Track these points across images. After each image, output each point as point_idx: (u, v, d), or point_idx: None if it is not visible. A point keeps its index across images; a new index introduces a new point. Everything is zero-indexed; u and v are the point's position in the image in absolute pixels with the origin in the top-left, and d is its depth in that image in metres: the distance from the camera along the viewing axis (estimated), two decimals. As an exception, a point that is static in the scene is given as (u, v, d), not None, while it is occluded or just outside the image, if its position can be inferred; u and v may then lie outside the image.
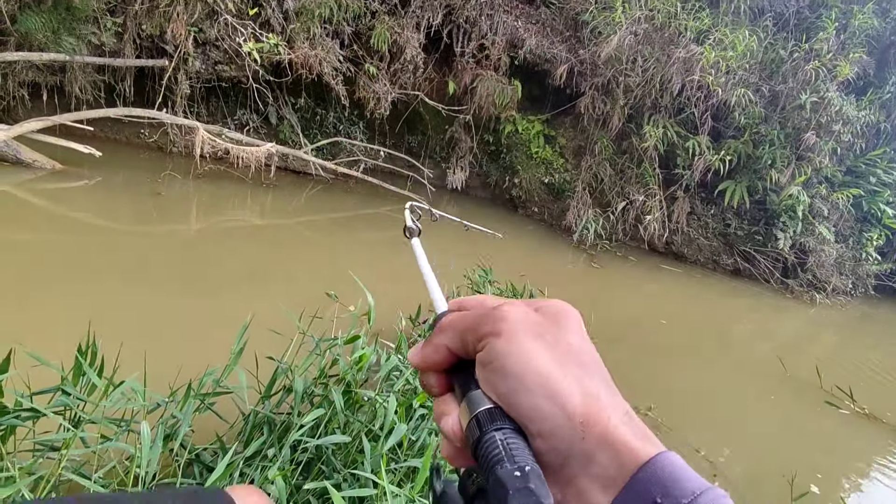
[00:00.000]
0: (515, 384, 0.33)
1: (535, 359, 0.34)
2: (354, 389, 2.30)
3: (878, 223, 8.58)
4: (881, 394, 5.56)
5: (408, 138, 9.66)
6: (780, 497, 3.33)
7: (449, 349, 0.38)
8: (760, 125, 7.59)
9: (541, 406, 0.32)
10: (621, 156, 8.27)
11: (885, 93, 8.23)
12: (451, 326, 0.39)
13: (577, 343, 0.36)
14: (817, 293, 8.23)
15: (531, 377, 0.33)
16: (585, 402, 0.32)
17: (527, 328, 0.35)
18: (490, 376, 0.35)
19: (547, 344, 0.35)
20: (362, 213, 7.72)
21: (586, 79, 7.91)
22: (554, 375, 0.33)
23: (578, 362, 0.35)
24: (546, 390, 0.32)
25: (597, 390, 0.33)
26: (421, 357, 0.40)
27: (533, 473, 0.29)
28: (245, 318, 2.38)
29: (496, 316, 0.36)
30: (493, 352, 0.35)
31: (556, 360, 0.34)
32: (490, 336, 0.35)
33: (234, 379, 2.21)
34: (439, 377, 0.40)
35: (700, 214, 8.42)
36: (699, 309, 7.22)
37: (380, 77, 7.79)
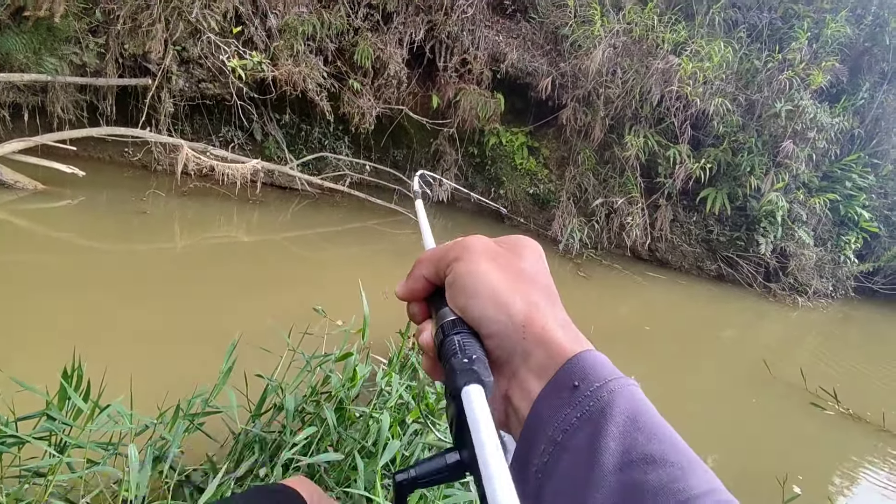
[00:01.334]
0: (471, 296, 0.40)
1: (487, 275, 0.40)
2: (347, 406, 2.31)
3: (855, 226, 8.77)
4: (864, 393, 5.65)
5: (393, 152, 9.72)
6: (771, 499, 3.37)
7: (426, 278, 0.45)
8: (738, 133, 7.76)
9: (489, 313, 0.39)
10: (604, 165, 8.39)
11: (858, 99, 8.46)
12: (427, 258, 0.45)
13: (528, 267, 0.42)
14: (799, 296, 8.38)
15: (482, 290, 0.39)
16: (527, 309, 0.39)
17: (484, 253, 0.42)
18: (452, 293, 0.41)
19: (499, 265, 0.41)
20: (349, 227, 7.72)
21: (568, 91, 8.04)
22: (501, 288, 0.39)
23: (526, 280, 0.41)
24: (494, 300, 0.39)
25: (538, 301, 0.40)
26: (405, 289, 0.46)
27: (478, 361, 0.36)
28: (233, 335, 2.38)
29: (461, 245, 0.43)
30: (455, 273, 0.41)
31: (506, 277, 0.40)
32: (454, 261, 0.42)
33: (223, 398, 2.20)
34: (420, 305, 0.46)
35: (683, 221, 8.55)
36: (685, 315, 7.31)
37: (364, 92, 7.85)
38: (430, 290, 0.45)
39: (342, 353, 2.35)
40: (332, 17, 7.18)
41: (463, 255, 0.42)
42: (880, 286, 9.56)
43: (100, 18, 6.41)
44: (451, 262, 0.42)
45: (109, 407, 1.83)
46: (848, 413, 4.84)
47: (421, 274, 0.45)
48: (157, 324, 3.76)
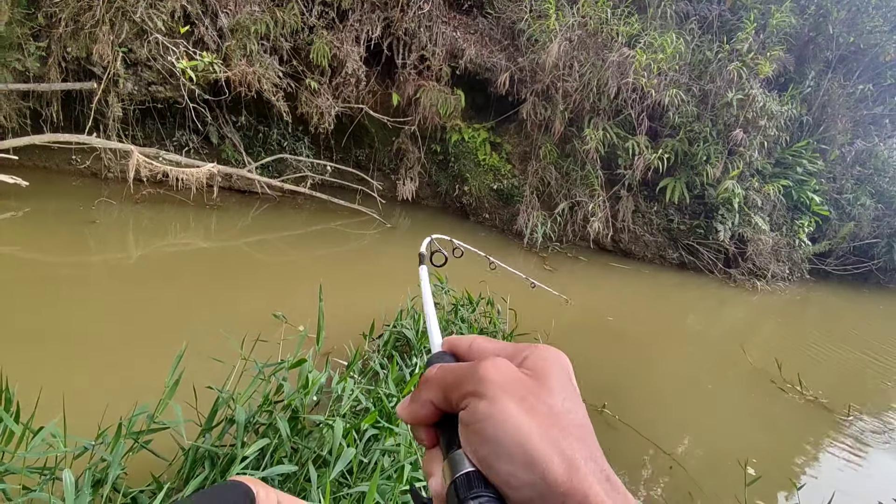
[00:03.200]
0: (494, 449, 0.32)
1: (514, 424, 0.32)
2: (302, 415, 2.24)
3: (807, 210, 9.09)
4: (821, 372, 5.86)
5: (355, 152, 9.61)
6: (736, 481, 3.45)
7: (434, 404, 0.38)
8: (694, 123, 7.94)
9: (519, 474, 0.31)
10: (565, 159, 8.47)
11: (805, 87, 8.76)
12: (436, 382, 0.38)
13: (560, 404, 0.35)
14: (758, 280, 8.64)
15: (510, 443, 0.32)
16: (567, 470, 0.31)
17: (509, 389, 0.34)
18: (471, 438, 0.34)
19: (529, 407, 0.33)
20: (313, 229, 7.60)
21: (527, 85, 8.08)
22: (533, 442, 0.32)
23: (559, 425, 0.33)
24: (525, 458, 0.31)
25: (577, 456, 0.32)
26: (409, 412, 0.40)
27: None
28: (181, 346, 2.29)
29: (478, 376, 0.35)
30: (473, 413, 0.34)
31: (537, 424, 0.33)
32: (471, 396, 0.35)
33: (170, 413, 2.12)
34: (427, 430, 0.39)
35: (644, 212, 8.71)
36: (649, 303, 7.44)
37: (322, 91, 7.72)
38: (440, 416, 0.38)
39: (295, 359, 2.29)
40: (285, 16, 7.03)
41: (482, 390, 0.34)
42: (832, 267, 9.95)
43: (42, 23, 6.13)
44: (468, 397, 0.35)
45: (42, 430, 1.73)
46: (808, 395, 5.00)
47: (428, 399, 0.38)
48: (104, 339, 3.61)
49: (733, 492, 3.37)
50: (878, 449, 4.33)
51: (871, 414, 4.94)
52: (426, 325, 0.53)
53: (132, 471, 2.03)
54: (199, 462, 2.08)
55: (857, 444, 4.34)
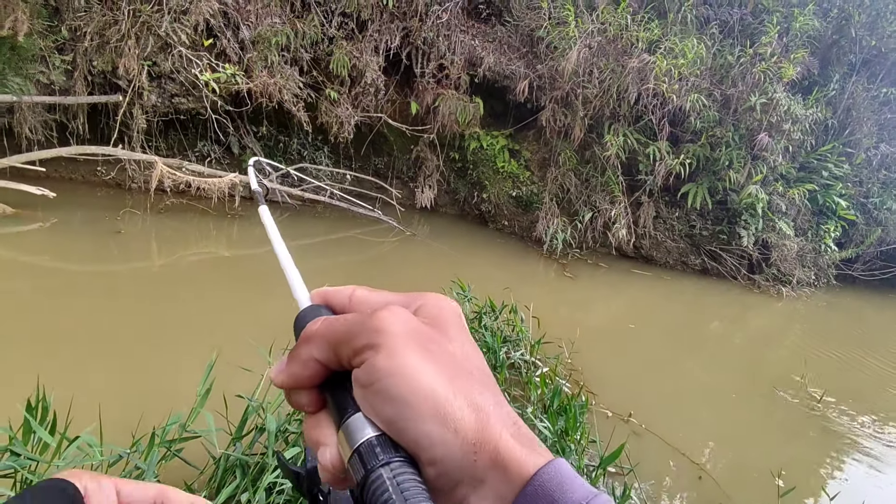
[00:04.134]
0: (403, 408, 0.29)
1: (422, 377, 0.29)
2: (332, 423, 2.23)
3: (833, 215, 8.90)
4: (846, 380, 5.71)
5: (374, 160, 9.65)
6: (765, 491, 3.36)
7: (319, 362, 0.33)
8: (716, 128, 7.83)
9: (433, 432, 0.29)
10: (585, 165, 8.41)
11: (829, 90, 8.61)
12: (321, 336, 0.33)
13: (461, 349, 0.33)
14: (783, 286, 8.46)
15: (420, 400, 0.29)
16: (477, 420, 0.29)
17: (409, 339, 0.31)
18: (372, 399, 0.30)
19: (433, 356, 0.31)
20: (332, 237, 7.64)
21: (546, 92, 8.05)
22: (444, 395, 0.29)
23: (465, 373, 0.31)
24: (437, 413, 0.29)
25: (486, 404, 0.30)
26: (287, 375, 0.34)
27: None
28: (212, 356, 2.29)
29: (373, 326, 0.31)
30: (373, 370, 0.30)
31: (445, 374, 0.30)
32: (368, 350, 0.31)
33: (201, 422, 2.12)
34: (311, 393, 0.34)
35: (665, 217, 8.60)
36: (672, 310, 7.33)
37: (341, 101, 7.78)
38: (326, 376, 0.33)
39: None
40: (305, 27, 7.12)
41: (380, 341, 0.30)
42: (860, 273, 9.71)
43: (66, 36, 6.27)
44: (364, 351, 0.31)
45: (78, 439, 1.74)
46: (834, 406, 4.87)
47: (311, 357, 0.33)
48: (134, 347, 3.65)
49: (764, 503, 3.28)
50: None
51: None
52: (286, 274, 0.44)
53: (165, 479, 2.02)
54: (230, 471, 2.07)
55: (884, 452, 4.21)
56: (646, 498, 3.10)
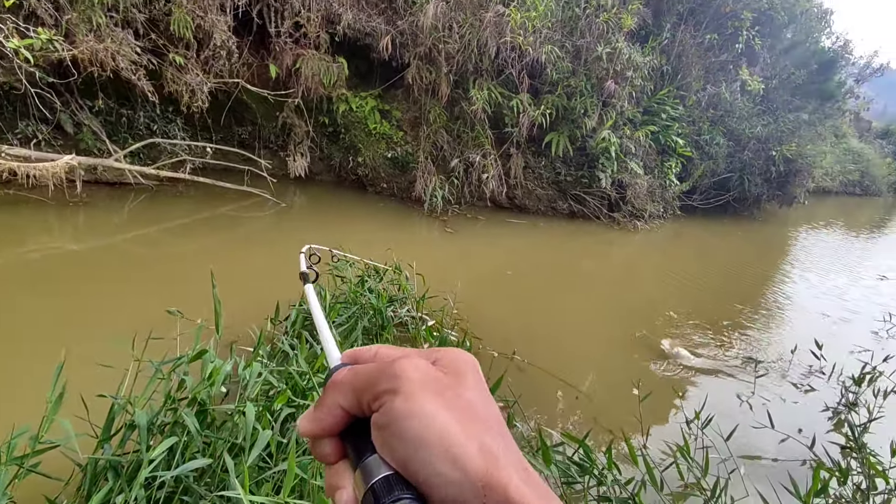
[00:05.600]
0: (415, 448, 0.31)
1: (435, 420, 0.32)
2: (210, 407, 2.16)
3: (673, 153, 10.01)
4: (694, 298, 6.61)
5: (237, 130, 9.04)
6: (630, 400, 3.85)
7: (343, 409, 0.36)
8: (570, 78, 8.35)
9: (442, 472, 0.30)
10: (455, 122, 8.57)
11: (662, 39, 9.50)
12: (346, 383, 0.36)
13: (475, 397, 0.35)
14: (638, 221, 9.44)
15: (432, 441, 0.31)
16: (486, 463, 0.31)
17: (426, 385, 0.33)
18: (388, 440, 0.32)
19: (447, 402, 0.33)
20: (200, 217, 7.11)
21: (409, 49, 8.00)
22: (455, 437, 0.31)
23: (478, 419, 0.33)
24: (448, 454, 0.31)
25: (496, 449, 0.32)
26: (314, 422, 0.37)
27: None
28: (61, 355, 2.09)
29: (393, 372, 0.34)
30: (390, 413, 0.32)
31: (457, 419, 0.32)
32: (387, 395, 0.33)
33: (59, 430, 1.95)
34: (333, 442, 0.37)
35: (534, 167, 9.11)
36: (546, 253, 7.89)
37: (189, 67, 7.11)
38: (348, 423, 0.36)
39: (196, 351, 2.18)
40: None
41: (398, 387, 0.33)
42: (698, 202, 11.10)
43: None
44: (383, 396, 0.33)
45: None
46: (687, 322, 5.62)
47: (336, 403, 0.36)
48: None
49: (632, 411, 3.77)
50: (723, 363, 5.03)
51: (732, 328, 5.70)
52: (322, 340, 0.50)
53: (22, 498, 1.85)
54: (101, 475, 1.95)
55: (717, 353, 5.01)
56: (537, 423, 3.41)
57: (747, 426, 3.84)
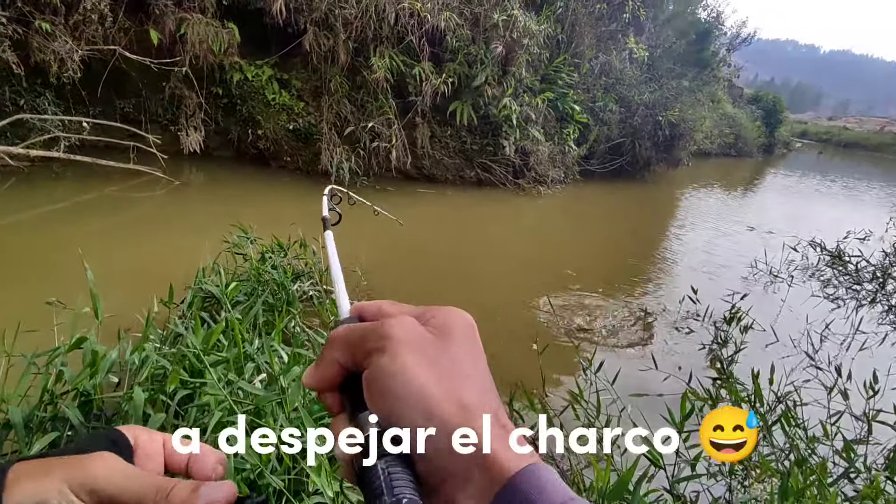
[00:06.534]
0: (397, 405, 0.33)
1: (416, 378, 0.33)
2: (95, 397, 2.08)
3: (571, 120, 10.50)
4: (592, 253, 7.12)
5: (119, 103, 8.27)
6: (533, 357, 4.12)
7: (340, 364, 0.38)
8: (470, 46, 8.44)
9: (419, 424, 0.32)
10: (358, 91, 8.42)
11: (556, 7, 9.82)
12: (341, 340, 0.38)
13: (460, 354, 0.36)
14: (541, 186, 9.88)
15: (412, 397, 0.33)
16: (461, 419, 0.32)
17: (410, 344, 0.35)
18: (374, 396, 0.34)
19: (428, 361, 0.34)
20: (82, 199, 6.54)
21: (304, 14, 7.68)
22: (432, 394, 0.33)
23: (458, 375, 0.35)
24: (423, 407, 0.33)
25: (473, 405, 0.33)
26: (315, 376, 0.39)
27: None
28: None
29: (381, 332, 0.36)
30: (377, 370, 0.34)
31: (437, 377, 0.34)
32: (375, 353, 0.35)
33: None
34: (333, 395, 0.39)
35: (440, 136, 9.20)
36: (456, 221, 8.09)
37: (57, 34, 6.39)
38: (346, 376, 0.38)
39: (74, 340, 2.08)
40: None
41: (385, 345, 0.35)
42: (596, 167, 11.77)
43: None
44: (371, 352, 0.35)
45: None
46: (578, 278, 6.04)
47: (333, 358, 0.38)
48: None
49: (534, 366, 4.07)
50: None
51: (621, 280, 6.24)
52: (335, 292, 0.51)
53: None
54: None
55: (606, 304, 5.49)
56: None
57: (635, 369, 4.29)
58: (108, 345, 2.42)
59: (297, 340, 2.96)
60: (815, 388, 3.72)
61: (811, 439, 3.05)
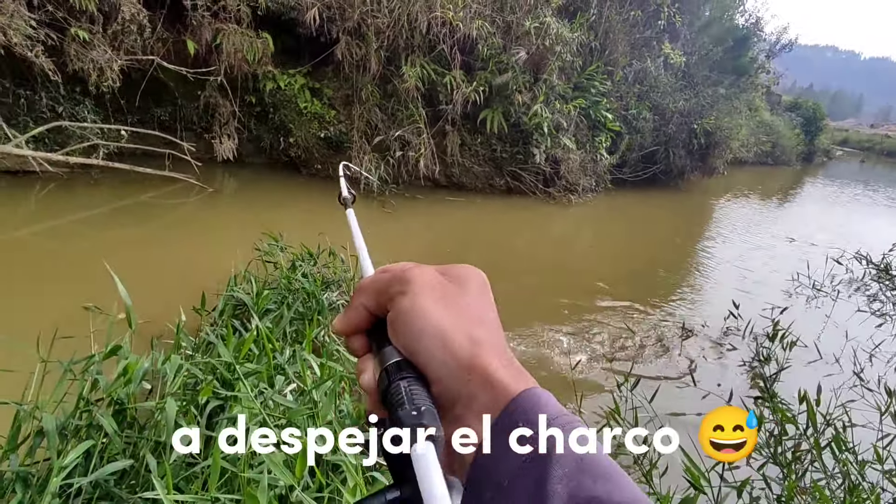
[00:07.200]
0: (417, 338, 0.38)
1: (433, 315, 0.38)
2: (129, 406, 2.05)
3: (603, 128, 10.31)
4: (625, 265, 6.92)
5: (156, 111, 8.46)
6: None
7: (367, 308, 0.42)
8: (501, 55, 8.37)
9: (436, 356, 0.37)
10: (388, 99, 8.42)
11: (590, 15, 9.69)
12: (367, 286, 0.43)
13: (472, 301, 0.41)
14: (572, 195, 9.71)
15: (428, 330, 0.37)
16: (472, 349, 0.37)
17: (428, 288, 0.40)
18: (397, 331, 0.39)
19: (444, 302, 0.39)
20: (119, 205, 6.67)
21: (336, 24, 7.73)
22: (446, 327, 0.38)
23: (470, 316, 0.39)
24: (439, 341, 0.37)
25: (482, 338, 0.38)
26: (344, 320, 0.43)
27: (427, 412, 0.34)
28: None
29: (404, 277, 0.40)
30: (399, 309, 0.39)
31: (451, 314, 0.39)
32: (398, 295, 0.40)
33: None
34: (360, 338, 0.43)
35: (470, 144, 9.13)
36: (484, 229, 7.99)
37: (96, 43, 6.57)
38: (372, 322, 0.43)
39: (109, 348, 2.05)
40: (24, -50, 5.73)
41: (406, 289, 0.40)
42: (628, 175, 11.54)
43: None
44: (395, 296, 0.40)
45: None
46: (610, 289, 5.87)
47: (361, 303, 0.43)
48: None
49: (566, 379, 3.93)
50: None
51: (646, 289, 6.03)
52: (359, 258, 0.62)
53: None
54: (9, 487, 1.81)
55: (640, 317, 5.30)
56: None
57: (673, 386, 4.10)
58: (143, 351, 2.40)
59: (327, 351, 2.90)
60: (862, 409, 3.49)
61: (861, 464, 2.84)
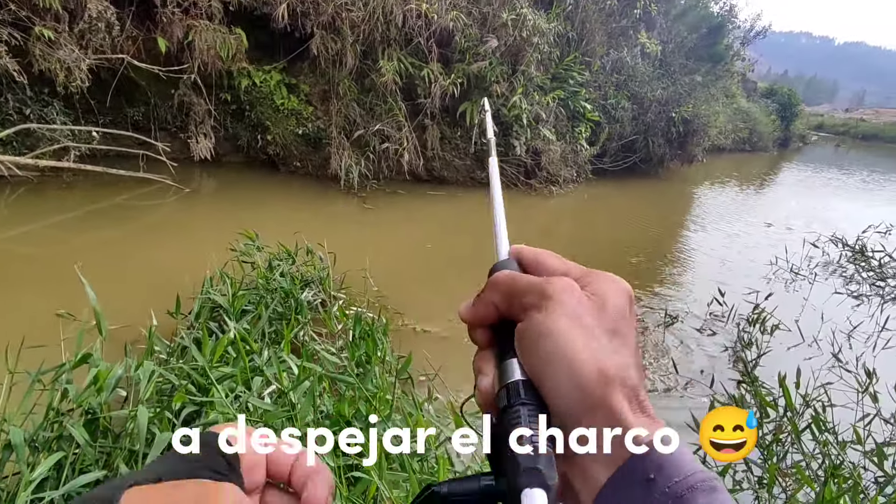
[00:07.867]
0: (545, 363, 0.35)
1: (566, 342, 0.35)
2: (101, 415, 2.00)
3: (583, 118, 10.34)
4: (610, 256, 6.97)
5: (128, 111, 8.28)
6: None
7: (496, 307, 0.40)
8: (478, 46, 8.33)
9: (562, 388, 0.34)
10: (366, 94, 8.35)
11: (566, 5, 9.68)
12: (503, 286, 0.40)
13: (612, 324, 0.37)
14: (553, 186, 9.73)
15: (559, 360, 0.34)
16: (602, 387, 0.34)
17: (567, 307, 0.36)
18: (525, 350, 0.36)
19: (581, 325, 0.36)
20: (92, 208, 6.53)
21: (310, 18, 7.62)
22: (579, 360, 0.34)
23: (608, 348, 0.36)
24: (570, 374, 0.34)
25: (614, 374, 0.35)
26: (472, 313, 0.41)
27: (545, 458, 0.32)
28: None
29: (543, 290, 0.37)
30: (531, 326, 0.36)
31: (587, 344, 0.35)
32: (533, 309, 0.37)
33: None
34: (485, 332, 0.41)
35: (450, 138, 9.09)
36: (463, 222, 7.97)
37: (62, 42, 6.39)
38: (499, 318, 0.40)
39: (78, 356, 2.00)
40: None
41: (543, 305, 0.36)
42: (608, 165, 11.59)
43: None
44: (529, 308, 0.37)
45: None
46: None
47: (492, 301, 0.40)
48: None
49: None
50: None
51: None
52: (495, 227, 0.49)
53: None
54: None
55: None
56: (455, 393, 3.46)
57: (656, 376, 4.14)
58: (117, 357, 2.35)
59: (307, 350, 2.87)
60: (841, 389, 3.56)
61: (842, 444, 2.90)
